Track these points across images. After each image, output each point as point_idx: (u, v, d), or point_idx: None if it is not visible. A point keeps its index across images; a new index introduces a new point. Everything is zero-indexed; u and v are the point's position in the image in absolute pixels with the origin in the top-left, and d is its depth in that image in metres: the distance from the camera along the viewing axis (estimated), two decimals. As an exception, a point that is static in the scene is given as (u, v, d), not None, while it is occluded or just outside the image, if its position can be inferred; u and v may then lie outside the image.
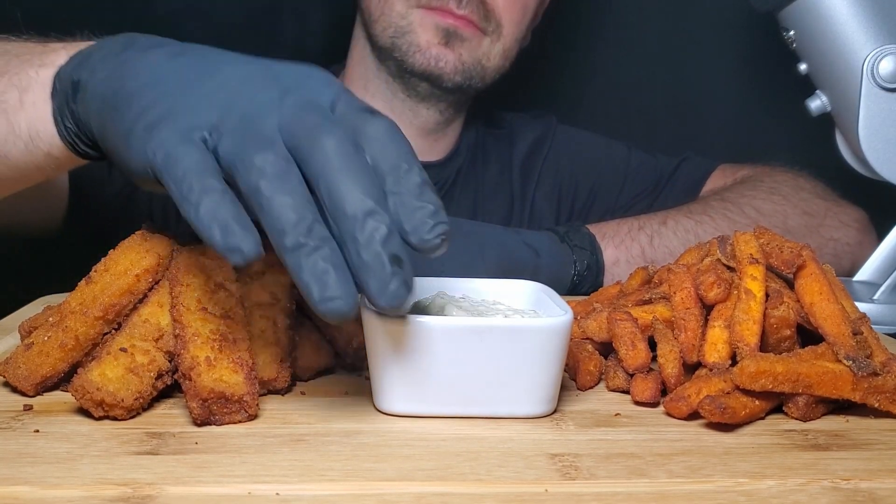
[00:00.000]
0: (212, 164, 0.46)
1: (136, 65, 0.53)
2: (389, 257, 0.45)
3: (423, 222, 0.45)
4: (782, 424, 0.52)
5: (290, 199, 0.44)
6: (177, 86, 0.50)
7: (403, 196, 0.46)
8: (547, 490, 0.42)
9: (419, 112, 1.07)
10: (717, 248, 0.60)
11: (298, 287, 0.45)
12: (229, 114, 0.48)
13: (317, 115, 0.47)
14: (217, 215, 0.44)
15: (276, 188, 0.44)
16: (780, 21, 0.98)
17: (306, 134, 0.46)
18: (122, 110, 0.51)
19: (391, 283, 0.45)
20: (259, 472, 0.44)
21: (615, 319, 0.57)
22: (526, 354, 0.50)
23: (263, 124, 0.47)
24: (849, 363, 0.52)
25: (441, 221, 0.46)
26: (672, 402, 0.52)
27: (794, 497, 0.43)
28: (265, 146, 0.46)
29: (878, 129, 0.93)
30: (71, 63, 0.57)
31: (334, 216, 0.45)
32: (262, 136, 0.46)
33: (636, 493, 0.42)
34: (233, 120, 0.47)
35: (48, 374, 0.53)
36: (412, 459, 0.46)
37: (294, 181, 0.45)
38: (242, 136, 0.46)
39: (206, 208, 0.44)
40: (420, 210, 0.45)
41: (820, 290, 0.56)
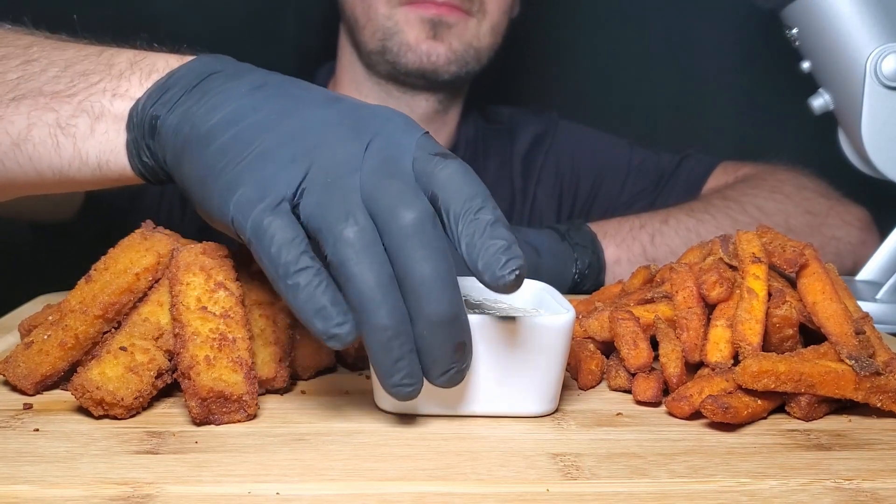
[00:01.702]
0: (302, 238, 0.46)
1: (215, 100, 0.52)
2: (454, 346, 0.47)
3: (496, 259, 0.46)
4: (784, 424, 0.52)
5: (374, 277, 0.45)
6: (256, 129, 0.50)
7: (475, 236, 0.46)
8: (548, 490, 0.42)
9: (417, 103, 1.06)
10: (720, 247, 0.59)
11: (370, 359, 0.47)
12: (312, 168, 0.48)
13: (397, 182, 0.47)
14: (315, 302, 0.45)
15: (362, 265, 0.45)
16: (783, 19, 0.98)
17: (386, 203, 0.46)
18: (199, 151, 0.51)
19: (449, 373, 0.47)
20: (259, 472, 0.43)
21: (617, 318, 0.57)
22: (528, 353, 0.50)
23: (347, 186, 0.47)
24: (851, 363, 0.52)
25: (514, 257, 0.46)
26: (674, 401, 0.52)
27: (797, 497, 0.42)
28: (350, 216, 0.46)
29: (881, 128, 0.93)
30: (150, 97, 0.56)
31: (406, 295, 0.46)
32: (347, 203, 0.47)
33: (638, 493, 0.42)
34: (316, 177, 0.48)
35: (48, 373, 0.53)
36: (413, 459, 0.45)
37: (379, 257, 0.46)
38: (328, 199, 0.47)
39: (304, 294, 0.45)
40: (491, 247, 0.46)
41: (822, 289, 0.55)
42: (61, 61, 0.60)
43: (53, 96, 0.58)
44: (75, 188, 0.62)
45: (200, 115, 0.52)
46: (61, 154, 0.58)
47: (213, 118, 0.51)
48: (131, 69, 0.58)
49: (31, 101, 0.58)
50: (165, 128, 0.54)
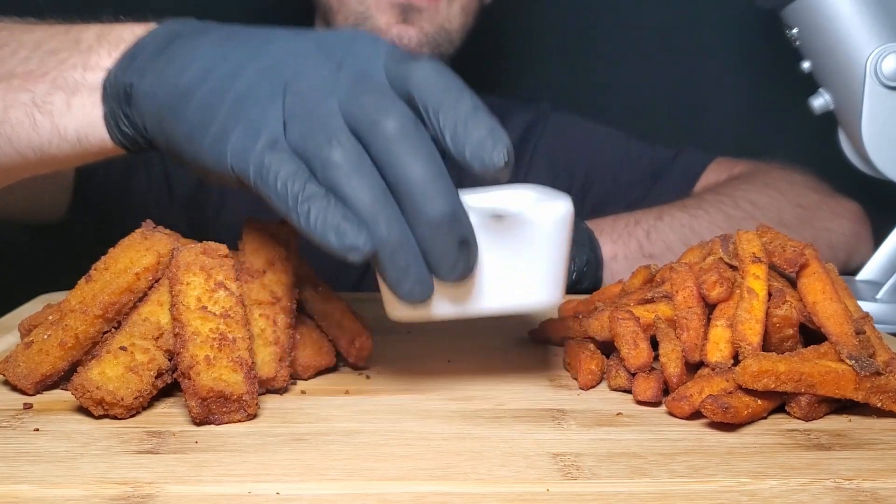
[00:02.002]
0: (304, 168, 0.47)
1: (185, 58, 0.53)
2: (458, 241, 0.48)
3: (482, 145, 0.46)
4: (784, 424, 0.52)
5: (367, 194, 0.47)
6: (230, 76, 0.51)
7: (457, 127, 0.46)
8: (548, 490, 0.42)
9: None
10: (720, 246, 0.59)
11: (377, 271, 0.49)
12: (291, 100, 0.49)
13: (373, 94, 0.48)
14: (328, 221, 0.46)
15: (354, 185, 0.47)
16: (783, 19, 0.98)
17: (367, 117, 0.47)
18: (180, 109, 0.51)
19: (457, 268, 0.48)
20: (259, 472, 0.43)
21: (617, 318, 0.57)
22: (530, 244, 0.51)
23: (326, 110, 0.48)
24: (851, 363, 0.52)
25: (500, 140, 0.46)
26: (674, 401, 0.52)
27: (797, 497, 0.42)
28: (335, 139, 0.47)
29: (881, 128, 0.93)
30: (119, 66, 0.56)
31: (402, 201, 0.47)
32: (329, 126, 0.48)
33: (638, 493, 0.42)
34: (296, 108, 0.49)
35: (48, 373, 0.53)
36: (413, 459, 0.45)
37: (368, 173, 0.47)
38: (310, 127, 0.48)
39: (315, 216, 0.46)
40: (476, 134, 0.46)
41: (823, 289, 0.55)
42: (30, 43, 0.61)
43: (26, 77, 0.58)
44: (57, 166, 0.62)
45: (173, 75, 0.52)
46: (40, 132, 0.58)
47: (185, 76, 0.52)
48: (99, 42, 0.58)
49: (5, 84, 0.59)
50: (140, 94, 0.54)
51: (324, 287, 0.60)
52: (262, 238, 0.57)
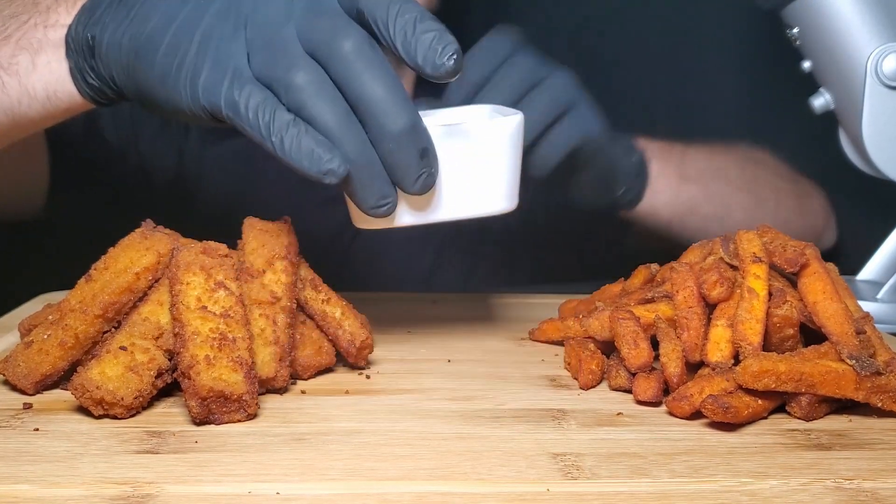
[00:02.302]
0: (270, 96, 0.50)
1: (144, 6, 0.55)
2: (419, 152, 0.51)
3: (432, 50, 0.49)
4: (785, 424, 0.52)
5: (331, 115, 0.50)
6: (193, 18, 0.53)
7: (406, 35, 0.49)
8: (549, 490, 0.42)
9: None
10: (720, 246, 0.59)
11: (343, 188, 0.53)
12: (251, 33, 0.51)
13: (327, 17, 0.51)
14: (302, 147, 0.49)
15: (317, 106, 0.50)
16: (784, 18, 0.98)
17: (323, 40, 0.50)
18: (148, 55, 0.53)
19: (420, 179, 0.52)
20: (259, 472, 0.43)
21: (617, 318, 0.57)
22: (484, 155, 0.55)
23: (284, 38, 0.51)
24: (852, 362, 0.52)
25: (448, 43, 0.49)
26: (674, 401, 0.52)
27: (797, 497, 0.42)
28: (296, 64, 0.50)
29: (882, 127, 0.93)
30: (79, 21, 0.58)
31: (364, 118, 0.50)
32: (289, 52, 0.50)
33: (638, 493, 0.42)
34: (256, 39, 0.51)
35: (48, 373, 0.53)
36: (413, 459, 0.45)
37: (330, 94, 0.50)
38: (271, 54, 0.51)
39: (288, 143, 0.49)
40: (425, 40, 0.49)
41: (823, 288, 0.55)
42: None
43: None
44: (32, 127, 0.63)
45: (135, 24, 0.54)
46: (9, 93, 0.60)
47: (148, 24, 0.54)
48: (56, 1, 0.60)
49: None
50: (104, 45, 0.56)
51: (324, 287, 0.60)
52: (262, 238, 0.57)
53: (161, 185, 1.01)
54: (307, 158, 0.49)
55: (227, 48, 0.51)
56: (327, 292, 0.60)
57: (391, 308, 0.77)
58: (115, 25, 0.55)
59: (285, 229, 0.58)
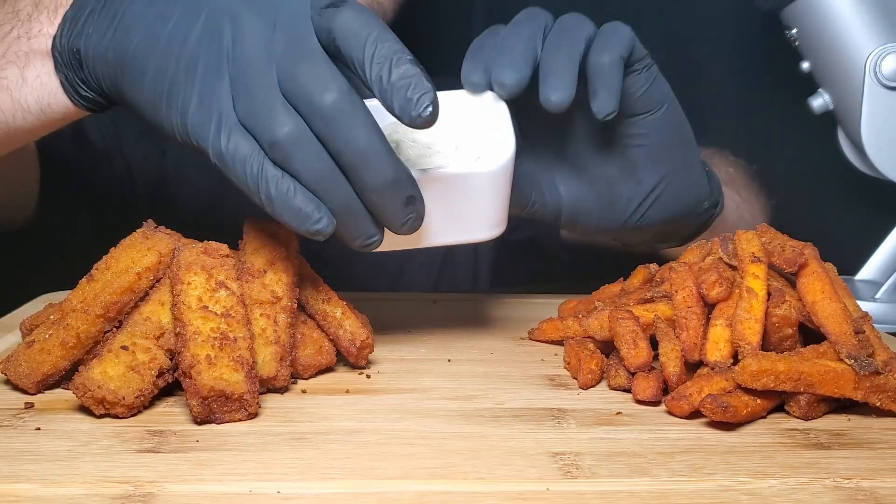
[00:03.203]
0: (256, 147, 0.50)
1: (124, 20, 0.54)
2: (404, 201, 0.52)
3: (407, 101, 0.49)
4: (784, 423, 0.52)
5: (313, 172, 0.50)
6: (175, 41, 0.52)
7: (383, 82, 0.49)
8: (548, 489, 0.42)
9: None
10: (719, 246, 0.60)
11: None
12: (234, 70, 0.51)
13: (307, 64, 0.50)
14: (290, 206, 0.50)
15: (299, 163, 0.50)
16: (783, 19, 0.98)
17: (304, 92, 0.50)
18: (135, 78, 0.53)
19: (406, 224, 0.53)
20: (260, 471, 0.44)
21: (617, 318, 0.57)
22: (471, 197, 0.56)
23: (265, 83, 0.50)
24: (850, 362, 0.52)
25: (423, 93, 0.49)
26: (674, 400, 0.52)
27: (796, 496, 0.42)
28: (278, 119, 0.50)
29: (880, 128, 0.93)
30: (63, 32, 0.57)
31: (347, 171, 0.51)
32: (271, 104, 0.50)
33: (638, 492, 0.42)
34: (239, 81, 0.51)
35: (49, 372, 0.53)
36: (413, 458, 0.46)
37: (312, 149, 0.50)
38: (254, 104, 0.50)
39: (277, 203, 0.50)
40: (400, 89, 0.49)
41: (822, 288, 0.55)
42: None
43: None
44: (28, 137, 0.63)
45: (118, 36, 0.54)
46: (2, 108, 0.59)
47: (131, 39, 0.53)
48: (37, 9, 0.59)
49: None
50: (90, 59, 0.56)
51: (324, 287, 0.60)
52: (262, 238, 0.57)
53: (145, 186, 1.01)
54: (295, 218, 0.50)
55: (212, 86, 0.51)
56: (328, 292, 0.60)
57: (391, 308, 0.78)
58: (98, 37, 0.55)
59: (286, 229, 0.58)
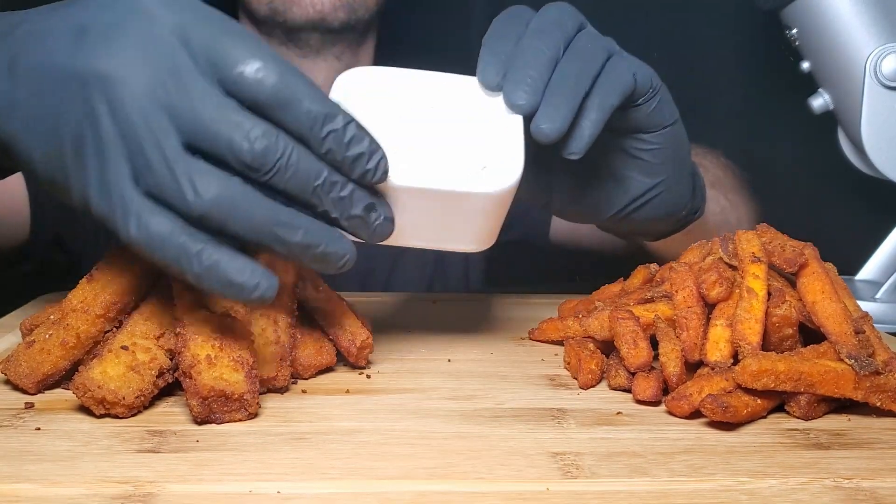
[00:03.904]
0: (176, 223, 0.46)
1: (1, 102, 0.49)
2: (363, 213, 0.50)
3: (365, 171, 0.49)
4: (784, 423, 0.52)
5: (245, 228, 0.46)
6: (46, 112, 0.47)
7: (334, 154, 0.48)
8: (548, 489, 0.42)
9: (318, 68, 1.05)
10: (720, 246, 0.60)
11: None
12: (128, 142, 0.45)
13: (219, 112, 0.46)
14: (223, 281, 0.46)
15: (242, 224, 0.46)
16: (783, 19, 0.98)
17: (226, 143, 0.46)
18: (24, 163, 0.49)
19: (375, 232, 0.51)
20: (260, 471, 0.44)
21: (617, 318, 0.57)
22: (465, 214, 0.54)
23: (170, 156, 0.45)
24: (851, 362, 0.52)
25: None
26: (674, 400, 0.52)
27: (796, 496, 0.42)
28: (188, 190, 0.45)
29: (880, 128, 0.93)
30: None
31: (294, 201, 0.48)
32: (182, 169, 0.45)
33: (638, 492, 0.42)
34: (136, 153, 0.45)
35: (49, 372, 0.53)
36: (413, 458, 0.46)
37: (250, 201, 0.46)
38: (161, 178, 0.45)
39: (209, 280, 0.46)
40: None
41: (822, 288, 0.55)
42: None
43: None
44: None
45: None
46: None
47: (10, 124, 0.48)
48: None
49: None
50: None
51: (324, 287, 0.60)
52: (262, 238, 0.57)
53: None
54: (230, 292, 0.47)
55: (104, 168, 0.46)
56: (328, 292, 0.60)
57: (391, 308, 0.78)
58: None
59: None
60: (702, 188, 0.75)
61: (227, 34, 0.47)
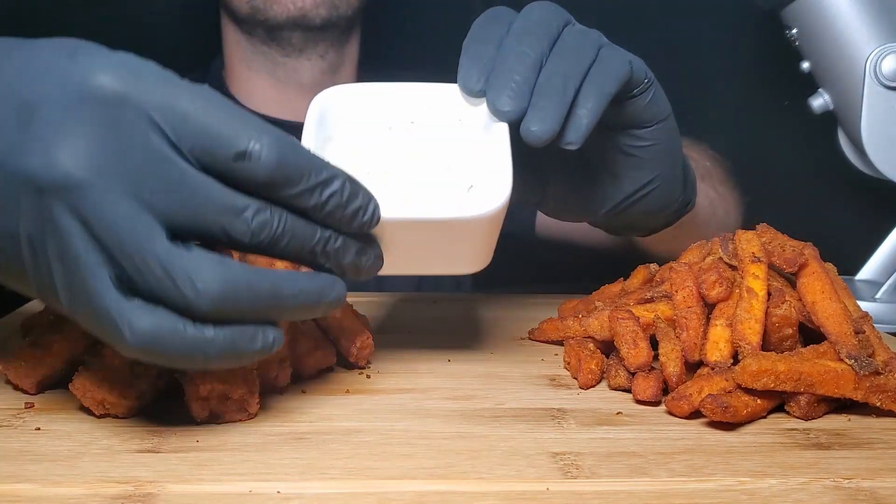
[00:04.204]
0: (176, 315, 0.42)
1: None
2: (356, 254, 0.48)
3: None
4: (784, 423, 0.52)
5: (265, 301, 0.44)
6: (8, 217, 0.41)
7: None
8: (548, 489, 0.42)
9: (302, 67, 1.05)
10: (720, 246, 0.60)
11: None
12: (113, 250, 0.41)
13: (205, 193, 0.42)
14: (238, 354, 0.44)
15: (246, 306, 0.43)
16: (783, 19, 0.98)
17: (219, 228, 0.42)
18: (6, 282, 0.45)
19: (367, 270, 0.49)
20: (260, 471, 0.44)
21: (617, 318, 0.57)
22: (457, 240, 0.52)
23: (162, 261, 0.41)
24: (851, 362, 0.52)
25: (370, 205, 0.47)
26: (674, 400, 0.52)
27: (796, 496, 0.42)
28: (201, 275, 0.41)
29: (880, 128, 0.93)
30: None
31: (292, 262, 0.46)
32: (179, 265, 0.41)
33: (638, 492, 0.42)
34: (123, 259, 0.41)
35: (49, 372, 0.53)
36: (413, 458, 0.46)
37: (252, 283, 0.43)
38: (153, 280, 0.41)
39: (223, 361, 0.44)
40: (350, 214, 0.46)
41: (822, 288, 0.55)
42: None
43: None
44: None
45: None
46: None
47: None
48: None
49: None
50: None
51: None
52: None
53: None
54: (249, 360, 0.45)
55: (72, 277, 0.41)
56: (328, 292, 0.60)
57: (391, 308, 0.78)
58: None
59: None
60: (693, 181, 0.74)
61: (210, 112, 0.42)
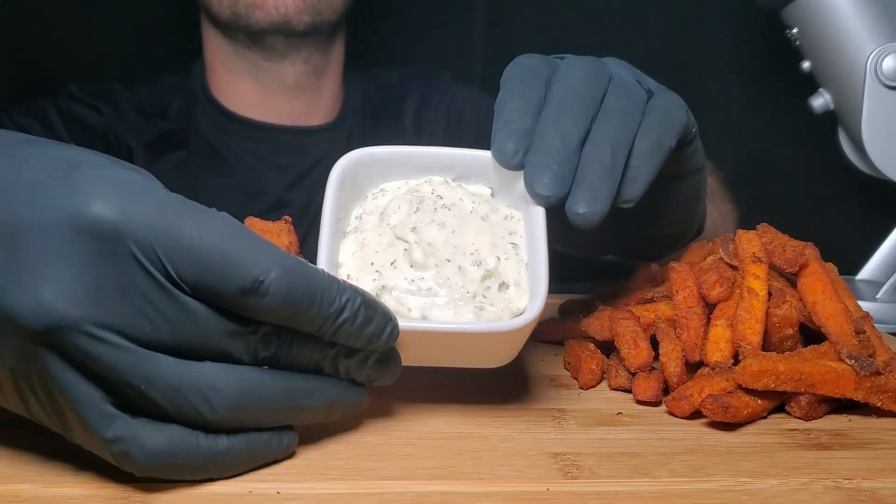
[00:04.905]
0: (187, 429, 0.41)
1: None
2: (374, 366, 0.46)
3: (384, 340, 0.45)
4: (784, 423, 0.52)
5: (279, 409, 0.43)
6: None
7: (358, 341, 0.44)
8: (549, 489, 0.42)
9: (285, 71, 1.04)
10: (720, 246, 0.60)
11: None
12: (115, 389, 0.39)
13: (207, 333, 0.40)
14: (255, 458, 0.43)
15: (261, 416, 0.43)
16: (783, 19, 0.98)
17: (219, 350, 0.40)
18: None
19: (385, 378, 0.48)
20: (260, 471, 0.43)
21: (617, 318, 0.57)
22: (482, 351, 0.50)
23: (160, 373, 0.39)
24: (851, 362, 0.52)
25: (388, 325, 0.45)
26: (674, 401, 0.52)
27: (797, 496, 0.42)
28: (210, 391, 0.40)
29: (881, 127, 0.93)
30: None
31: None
32: (190, 385, 0.40)
33: (638, 493, 0.42)
34: (128, 391, 0.39)
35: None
36: (413, 458, 0.46)
37: (266, 395, 0.42)
38: (164, 404, 0.39)
39: (239, 466, 0.43)
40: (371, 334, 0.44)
41: (823, 288, 0.55)
42: None
43: None
44: None
45: None
46: None
47: None
48: None
49: None
50: None
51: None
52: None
53: None
54: (266, 461, 0.44)
55: (75, 415, 0.39)
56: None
57: (391, 308, 0.77)
58: None
59: (286, 229, 0.58)
60: (704, 209, 0.72)
61: (215, 244, 0.39)
